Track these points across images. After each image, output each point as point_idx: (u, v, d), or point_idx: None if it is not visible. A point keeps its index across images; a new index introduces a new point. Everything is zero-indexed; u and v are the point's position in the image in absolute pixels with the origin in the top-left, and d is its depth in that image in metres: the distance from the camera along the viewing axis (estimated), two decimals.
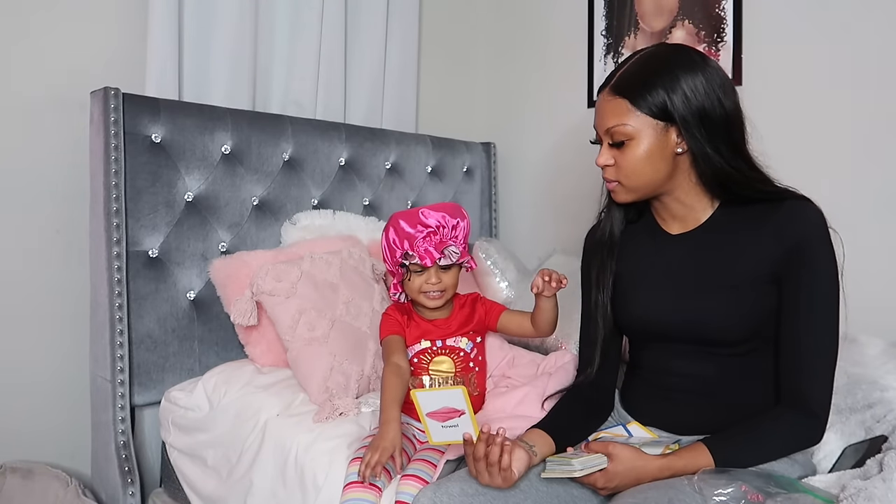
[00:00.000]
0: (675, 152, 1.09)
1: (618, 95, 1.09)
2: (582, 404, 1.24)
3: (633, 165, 1.09)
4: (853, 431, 1.22)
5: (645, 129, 1.07)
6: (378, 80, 2.26)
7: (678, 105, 1.05)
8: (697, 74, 1.06)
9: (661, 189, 1.14)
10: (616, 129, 1.08)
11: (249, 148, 1.82)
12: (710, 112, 1.06)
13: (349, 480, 1.17)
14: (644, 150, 1.08)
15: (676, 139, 1.08)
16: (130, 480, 1.57)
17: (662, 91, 1.05)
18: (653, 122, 1.07)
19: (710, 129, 1.06)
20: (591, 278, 1.27)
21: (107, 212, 1.56)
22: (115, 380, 1.58)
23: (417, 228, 1.33)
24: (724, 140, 1.07)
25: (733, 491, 0.93)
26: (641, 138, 1.08)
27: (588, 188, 1.50)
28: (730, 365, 1.11)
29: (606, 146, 1.12)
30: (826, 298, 1.04)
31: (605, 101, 1.11)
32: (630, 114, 1.07)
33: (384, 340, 1.40)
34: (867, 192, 1.68)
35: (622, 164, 1.10)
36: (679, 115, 1.05)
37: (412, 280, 1.35)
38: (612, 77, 1.11)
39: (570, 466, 1.01)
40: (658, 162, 1.09)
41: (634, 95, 1.07)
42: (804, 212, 1.06)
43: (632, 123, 1.07)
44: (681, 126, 1.06)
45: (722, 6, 1.94)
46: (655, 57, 1.10)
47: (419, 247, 1.33)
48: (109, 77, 1.64)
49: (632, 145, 1.08)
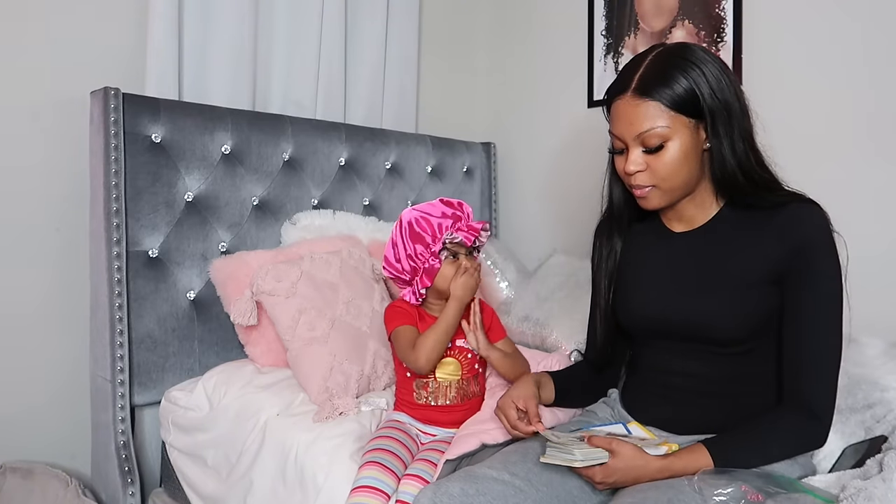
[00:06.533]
0: (703, 149, 1.08)
1: (646, 98, 1.05)
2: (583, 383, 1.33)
3: (671, 168, 1.06)
4: (853, 431, 1.22)
5: (680, 128, 1.05)
6: (378, 80, 2.26)
7: (708, 98, 1.04)
8: (715, 68, 1.05)
9: (690, 189, 1.12)
10: (651, 132, 1.05)
11: (249, 148, 1.82)
12: (732, 106, 1.05)
13: (357, 484, 1.16)
14: (681, 150, 1.06)
15: (704, 136, 1.08)
16: (130, 480, 1.57)
17: (693, 87, 1.04)
18: (686, 121, 1.05)
19: (731, 125, 1.06)
20: (597, 274, 1.28)
21: (107, 212, 1.56)
22: (115, 380, 1.58)
23: (445, 214, 1.35)
24: (741, 135, 1.07)
25: (733, 491, 0.93)
26: (677, 139, 1.05)
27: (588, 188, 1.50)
28: (731, 365, 1.11)
29: (639, 153, 1.08)
30: (829, 301, 1.04)
31: (630, 105, 1.06)
32: (664, 115, 1.04)
33: (398, 330, 1.36)
34: (867, 192, 1.68)
35: (658, 168, 1.07)
36: (709, 109, 1.04)
37: (443, 269, 1.34)
38: (630, 81, 1.06)
39: (571, 455, 1.01)
40: (693, 161, 1.08)
41: (664, 94, 1.04)
42: (808, 214, 1.06)
43: (666, 124, 1.04)
44: (708, 121, 1.05)
45: (722, 6, 1.94)
46: (672, 54, 1.07)
47: (461, 228, 1.35)
48: (109, 77, 1.64)
49: (669, 147, 1.05)
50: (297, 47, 2.03)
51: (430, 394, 1.35)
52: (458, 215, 1.37)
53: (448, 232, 1.34)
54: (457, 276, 1.34)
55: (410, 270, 1.37)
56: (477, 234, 1.37)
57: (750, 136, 1.09)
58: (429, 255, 1.34)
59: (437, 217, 1.35)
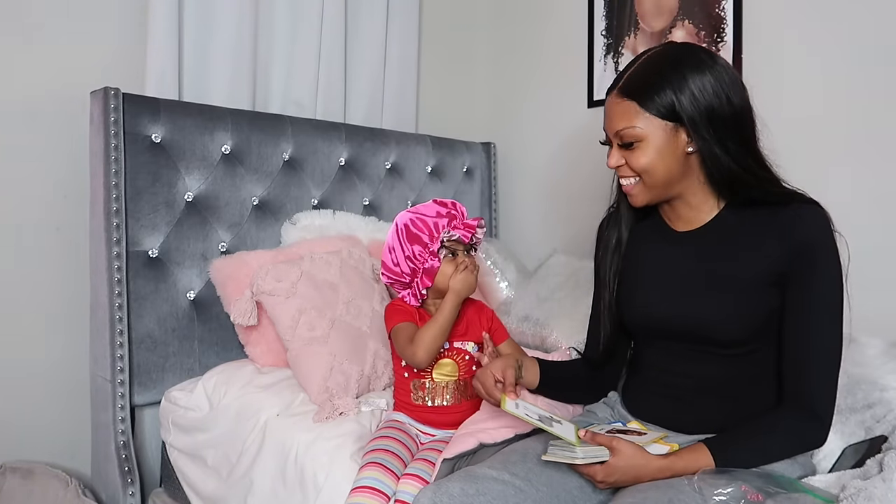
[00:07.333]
0: (686, 152, 1.09)
1: (626, 97, 1.08)
2: (576, 377, 1.33)
3: (644, 165, 1.09)
4: (853, 431, 1.22)
5: (654, 130, 1.07)
6: (378, 80, 2.26)
7: (686, 105, 1.05)
8: (705, 73, 1.06)
9: (675, 190, 1.13)
10: (625, 131, 1.09)
11: (249, 148, 1.82)
12: (718, 111, 1.06)
13: (357, 485, 1.16)
14: (653, 151, 1.08)
15: (686, 139, 1.08)
16: (130, 480, 1.57)
17: (670, 92, 1.05)
18: (661, 124, 1.07)
19: (719, 129, 1.06)
20: (599, 273, 1.29)
21: (107, 212, 1.56)
22: (115, 380, 1.58)
23: (439, 213, 1.35)
24: (734, 139, 1.07)
25: (733, 491, 0.93)
26: (650, 140, 1.08)
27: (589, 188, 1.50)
28: (732, 365, 1.11)
29: (616, 147, 1.12)
30: (830, 302, 1.04)
31: (613, 103, 1.11)
32: (638, 116, 1.07)
33: (397, 327, 1.36)
34: (867, 192, 1.68)
35: (633, 164, 1.11)
36: (687, 116, 1.05)
37: (442, 268, 1.35)
38: (620, 79, 1.11)
39: (572, 453, 1.02)
40: (670, 162, 1.09)
41: (642, 97, 1.07)
42: (809, 214, 1.06)
43: (640, 125, 1.07)
44: (689, 126, 1.06)
45: (722, 6, 1.94)
46: (663, 57, 1.10)
47: (457, 226, 1.36)
48: (109, 77, 1.64)
49: (641, 147, 1.09)
50: (297, 47, 2.03)
51: (427, 394, 1.35)
52: (453, 214, 1.37)
53: (445, 230, 1.34)
54: (456, 273, 1.34)
55: (410, 272, 1.37)
56: (473, 231, 1.38)
57: (748, 139, 1.10)
58: (427, 254, 1.34)
59: (432, 217, 1.35)
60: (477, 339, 1.40)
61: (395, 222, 1.39)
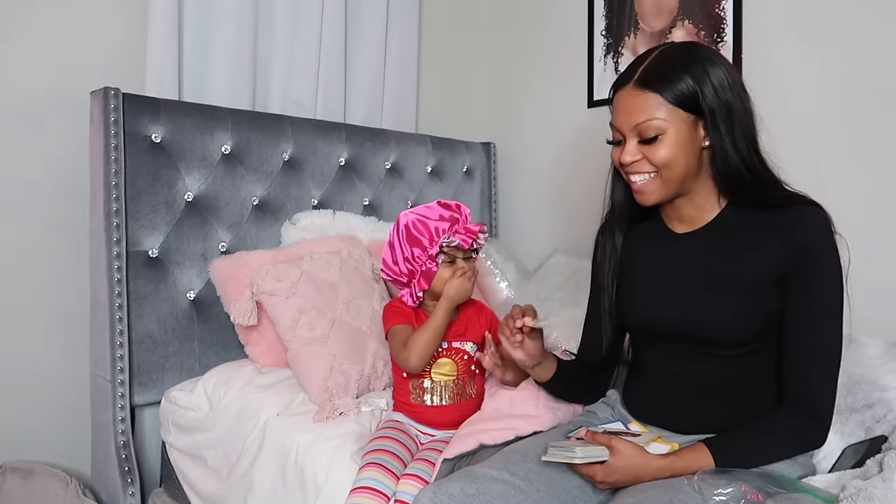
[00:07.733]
0: (702, 146, 1.09)
1: (646, 89, 1.06)
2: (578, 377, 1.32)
3: (666, 158, 1.06)
4: (853, 431, 1.22)
5: (677, 122, 1.05)
6: (378, 80, 2.26)
7: (709, 96, 1.04)
8: (721, 68, 1.06)
9: (687, 186, 1.12)
10: (646, 123, 1.06)
11: (249, 148, 1.82)
12: (734, 106, 1.06)
13: (357, 485, 1.16)
14: (675, 144, 1.06)
15: (703, 133, 1.08)
16: (130, 480, 1.57)
17: (693, 82, 1.04)
18: (684, 115, 1.06)
19: (732, 125, 1.06)
20: (598, 278, 1.28)
21: (107, 212, 1.56)
22: (115, 380, 1.58)
23: (442, 216, 1.35)
24: (744, 136, 1.07)
25: (733, 491, 0.93)
26: (673, 132, 1.06)
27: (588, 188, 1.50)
28: (732, 366, 1.11)
29: (634, 144, 1.09)
30: (830, 303, 1.04)
31: (630, 96, 1.08)
32: (661, 107, 1.05)
33: (393, 329, 1.36)
34: (867, 192, 1.68)
35: (653, 158, 1.07)
36: (708, 107, 1.04)
37: (440, 272, 1.35)
38: (634, 73, 1.08)
39: (571, 453, 1.02)
40: (690, 155, 1.08)
41: (664, 88, 1.05)
42: (810, 216, 1.06)
43: (663, 117, 1.05)
44: (708, 119, 1.05)
45: (722, 6, 1.94)
46: (679, 51, 1.09)
47: (458, 231, 1.35)
48: (109, 77, 1.64)
49: (664, 139, 1.06)
50: (297, 47, 2.03)
51: (426, 394, 1.35)
52: (456, 217, 1.37)
53: (445, 236, 1.34)
54: (452, 278, 1.34)
55: (408, 273, 1.37)
56: (475, 237, 1.37)
57: (753, 138, 1.10)
58: (426, 258, 1.35)
59: (434, 220, 1.35)
60: (476, 340, 1.40)
61: (397, 220, 1.39)
